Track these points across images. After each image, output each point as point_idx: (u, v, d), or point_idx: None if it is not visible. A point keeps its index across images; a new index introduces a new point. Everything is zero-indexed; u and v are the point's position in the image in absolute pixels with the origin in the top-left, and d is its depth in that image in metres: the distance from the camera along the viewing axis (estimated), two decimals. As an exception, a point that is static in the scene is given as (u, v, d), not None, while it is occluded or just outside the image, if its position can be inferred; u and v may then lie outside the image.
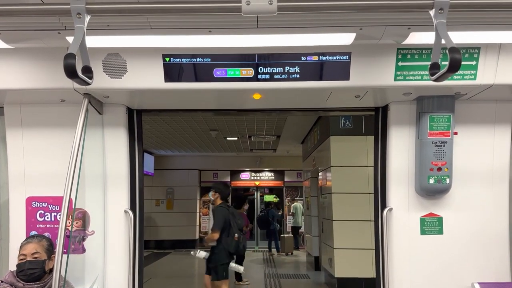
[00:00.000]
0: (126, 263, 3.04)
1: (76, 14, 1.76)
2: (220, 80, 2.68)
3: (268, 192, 15.78)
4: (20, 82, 2.68)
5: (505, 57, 2.60)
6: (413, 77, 2.66)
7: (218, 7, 1.80)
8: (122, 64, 2.63)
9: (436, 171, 2.91)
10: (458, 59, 1.69)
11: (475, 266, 3.01)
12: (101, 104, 3.03)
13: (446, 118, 2.92)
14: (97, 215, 3.08)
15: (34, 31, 2.31)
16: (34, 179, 3.05)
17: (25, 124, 3.06)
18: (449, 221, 3.03)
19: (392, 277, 3.02)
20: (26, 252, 2.71)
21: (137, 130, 3.27)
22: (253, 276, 9.40)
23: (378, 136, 3.26)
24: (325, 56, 2.62)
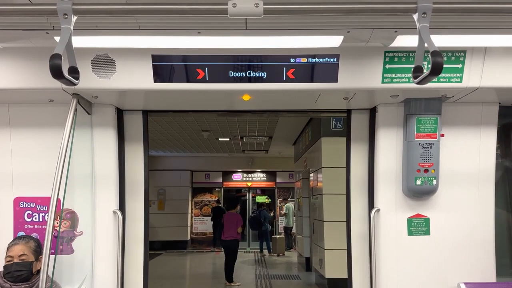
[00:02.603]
0: (114, 263, 3.03)
1: (62, 14, 1.76)
2: (209, 81, 2.69)
3: (260, 193, 15.79)
4: (8, 81, 2.67)
5: (490, 60, 2.64)
6: (400, 79, 2.69)
7: (205, 9, 1.81)
8: (111, 65, 2.63)
9: (423, 172, 2.95)
10: (440, 62, 1.71)
11: (461, 266, 3.05)
12: (90, 104, 3.03)
13: (433, 120, 2.96)
14: (86, 215, 3.07)
15: (22, 31, 2.30)
16: (22, 179, 3.04)
17: (13, 124, 3.05)
18: (436, 222, 3.06)
19: (379, 277, 3.05)
20: (13, 253, 2.69)
21: (144, 131, 3.29)
22: (244, 277, 9.41)
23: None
24: (314, 58, 2.64)
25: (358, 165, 3.29)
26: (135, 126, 3.28)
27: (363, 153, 3.28)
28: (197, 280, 9.67)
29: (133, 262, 3.23)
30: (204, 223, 15.07)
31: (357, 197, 3.29)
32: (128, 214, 3.24)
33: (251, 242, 14.97)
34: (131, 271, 3.22)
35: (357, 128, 3.30)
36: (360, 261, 3.26)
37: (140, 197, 3.28)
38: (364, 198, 3.27)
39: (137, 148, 3.29)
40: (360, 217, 3.27)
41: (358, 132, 3.29)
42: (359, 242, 3.27)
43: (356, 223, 3.27)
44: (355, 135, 3.30)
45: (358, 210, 3.28)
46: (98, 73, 2.64)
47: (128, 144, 3.27)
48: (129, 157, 3.27)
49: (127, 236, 3.22)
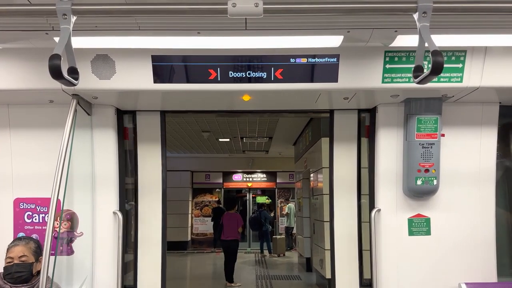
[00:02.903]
0: (114, 264, 3.03)
1: (61, 15, 1.75)
2: (209, 81, 2.68)
3: (260, 193, 15.78)
4: (8, 82, 2.66)
5: (491, 60, 2.64)
6: (401, 79, 2.68)
7: (205, 9, 1.81)
8: (111, 65, 2.63)
9: (423, 172, 2.94)
10: (440, 62, 1.71)
11: (462, 266, 3.04)
12: (89, 105, 3.02)
13: (433, 120, 2.95)
14: (86, 216, 3.06)
15: (21, 32, 2.30)
16: (22, 180, 3.03)
17: (13, 125, 3.05)
18: (437, 222, 3.06)
19: (380, 277, 3.04)
20: (13, 255, 2.68)
21: (161, 131, 3.31)
22: (245, 278, 9.40)
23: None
24: (314, 58, 2.64)
25: (344, 165, 3.29)
26: (151, 126, 3.29)
27: (350, 153, 3.29)
28: (198, 280, 9.66)
29: (150, 263, 3.24)
30: (205, 224, 15.05)
31: (343, 197, 3.29)
32: (145, 215, 3.26)
33: (251, 242, 14.95)
34: (148, 273, 3.23)
35: (342, 128, 3.30)
36: (346, 261, 3.26)
37: (157, 198, 3.28)
38: (351, 198, 3.28)
39: (153, 149, 3.29)
40: (346, 217, 3.27)
41: (343, 132, 3.30)
42: (345, 242, 3.27)
43: (341, 223, 3.27)
44: (339, 135, 3.30)
45: (344, 210, 3.28)
46: (98, 74, 2.64)
47: (142, 144, 3.28)
48: (144, 157, 3.28)
49: (143, 237, 3.24)
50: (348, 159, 3.30)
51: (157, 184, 3.29)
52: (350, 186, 3.30)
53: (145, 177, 3.29)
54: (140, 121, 3.29)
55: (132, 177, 3.37)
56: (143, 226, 3.27)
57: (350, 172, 3.30)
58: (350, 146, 3.31)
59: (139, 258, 3.24)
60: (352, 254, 3.27)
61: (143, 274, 3.24)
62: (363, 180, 3.32)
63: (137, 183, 3.29)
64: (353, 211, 3.28)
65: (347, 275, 3.26)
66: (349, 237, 3.28)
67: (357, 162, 3.31)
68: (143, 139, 3.30)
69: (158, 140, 3.31)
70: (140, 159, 3.29)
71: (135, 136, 3.30)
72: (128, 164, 3.37)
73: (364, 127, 3.35)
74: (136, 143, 3.30)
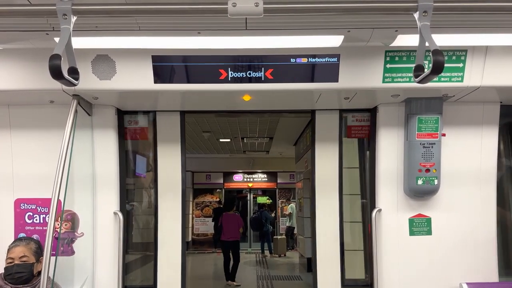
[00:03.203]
0: (115, 264, 3.02)
1: (62, 15, 1.75)
2: (210, 81, 2.68)
3: (261, 193, 15.77)
4: (8, 83, 2.66)
5: (491, 59, 2.63)
6: (401, 79, 2.68)
7: (205, 9, 1.80)
8: (111, 65, 2.63)
9: (424, 172, 2.94)
10: (441, 61, 1.71)
11: (463, 266, 3.04)
12: (90, 105, 3.02)
13: (434, 119, 2.95)
14: (87, 217, 3.06)
15: (22, 32, 2.30)
16: (23, 180, 3.03)
17: (13, 126, 3.05)
18: (438, 222, 3.05)
19: (381, 277, 3.04)
20: (13, 255, 2.68)
21: (181, 131, 3.31)
22: (245, 278, 9.39)
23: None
24: (314, 58, 2.64)
25: (326, 166, 3.30)
26: (171, 126, 3.31)
27: (331, 153, 3.30)
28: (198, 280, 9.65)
29: (170, 262, 3.25)
30: (205, 224, 15.03)
31: (324, 197, 3.29)
32: (164, 215, 3.27)
33: (252, 243, 14.94)
34: (169, 272, 3.25)
35: (323, 128, 3.30)
36: (328, 261, 3.26)
37: (177, 197, 3.29)
38: (333, 198, 3.28)
39: (173, 149, 3.30)
40: (328, 217, 3.28)
41: (325, 132, 3.30)
42: (327, 242, 3.27)
43: (323, 223, 3.28)
44: (321, 136, 3.30)
45: (325, 211, 3.28)
46: (98, 74, 2.64)
47: (162, 145, 3.29)
48: (163, 157, 3.29)
49: (162, 237, 3.26)
50: (330, 159, 3.31)
51: (177, 183, 3.30)
52: (331, 186, 3.30)
53: (165, 176, 3.30)
54: (159, 121, 3.31)
55: (132, 178, 3.38)
56: (163, 225, 3.28)
57: (332, 172, 3.30)
58: (331, 146, 3.31)
59: (159, 258, 3.26)
60: (334, 254, 3.27)
61: (163, 273, 3.25)
62: (344, 180, 3.33)
63: (156, 182, 3.30)
64: (335, 211, 3.29)
65: (329, 275, 3.26)
66: (331, 237, 3.28)
67: (339, 162, 3.31)
68: (163, 139, 3.31)
69: (177, 140, 3.32)
70: (159, 159, 3.30)
71: (154, 136, 3.32)
72: (130, 164, 3.38)
73: (346, 127, 3.37)
74: (155, 143, 3.31)
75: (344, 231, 3.32)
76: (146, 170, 3.54)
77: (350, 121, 3.38)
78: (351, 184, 3.36)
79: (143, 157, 3.50)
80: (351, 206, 3.38)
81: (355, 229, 3.37)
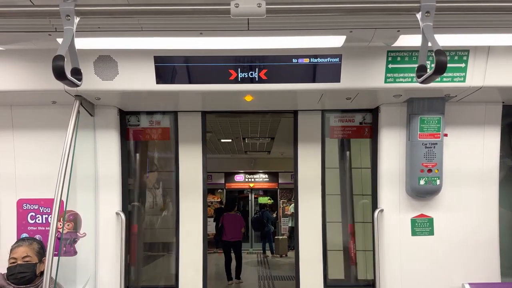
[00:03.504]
0: (117, 265, 3.03)
1: (65, 16, 1.76)
2: (212, 82, 2.68)
3: (262, 194, 15.76)
4: (10, 83, 2.67)
5: (494, 59, 2.63)
6: (403, 79, 2.68)
7: (208, 10, 1.80)
8: (114, 66, 2.63)
9: (426, 172, 2.93)
10: (444, 61, 1.70)
11: (465, 267, 3.03)
12: (92, 106, 3.03)
13: (436, 119, 2.95)
14: (89, 217, 3.07)
15: (24, 33, 2.30)
16: (25, 181, 3.04)
17: (16, 126, 3.05)
18: (440, 222, 3.05)
19: (383, 277, 3.04)
20: (16, 255, 2.69)
21: (202, 132, 3.30)
22: (247, 278, 9.39)
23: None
24: (316, 59, 2.64)
25: (309, 166, 3.30)
26: (192, 127, 3.31)
27: (314, 154, 3.30)
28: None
29: (192, 262, 3.27)
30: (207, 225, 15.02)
31: (307, 197, 3.29)
32: (185, 215, 3.28)
33: (253, 243, 14.93)
34: (190, 272, 3.25)
35: (306, 129, 3.30)
36: (310, 262, 3.27)
37: (198, 198, 3.30)
38: (316, 199, 3.28)
39: (194, 149, 3.31)
40: (311, 217, 3.28)
41: (307, 132, 3.30)
42: (310, 242, 3.27)
43: (306, 223, 3.28)
44: (303, 136, 3.30)
45: (308, 211, 3.28)
46: (100, 75, 2.64)
47: (183, 145, 3.30)
48: (184, 158, 3.30)
49: (184, 237, 3.27)
50: (312, 159, 3.31)
51: (198, 183, 3.31)
52: (314, 186, 3.30)
53: (186, 177, 3.31)
54: (181, 122, 3.32)
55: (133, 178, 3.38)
56: (184, 225, 3.29)
57: (314, 172, 3.30)
58: (314, 146, 3.31)
59: (181, 258, 3.27)
60: (316, 254, 3.27)
61: (184, 273, 3.26)
62: (327, 180, 3.34)
63: (178, 182, 3.31)
64: (318, 211, 3.29)
65: (311, 276, 3.26)
66: (314, 238, 3.28)
67: (321, 162, 3.31)
68: (184, 139, 3.32)
69: (199, 140, 3.32)
70: (181, 159, 3.31)
71: (176, 136, 3.33)
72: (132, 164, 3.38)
73: (329, 127, 3.38)
74: (177, 143, 3.32)
75: (327, 231, 3.33)
76: (149, 171, 3.55)
77: (332, 122, 3.39)
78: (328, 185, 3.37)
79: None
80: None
81: (331, 229, 3.39)
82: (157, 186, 3.47)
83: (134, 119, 3.37)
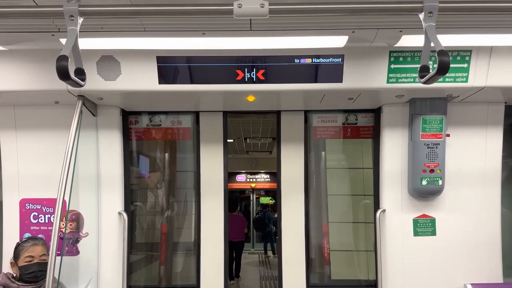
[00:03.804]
0: (120, 264, 3.03)
1: (69, 16, 1.76)
2: (214, 82, 2.69)
3: (264, 194, 15.76)
4: (14, 83, 2.68)
5: (496, 59, 2.63)
6: (406, 79, 2.68)
7: (210, 10, 1.81)
8: (116, 66, 2.63)
9: (428, 172, 2.93)
10: (447, 62, 1.70)
11: (467, 267, 3.03)
12: (95, 106, 3.03)
13: (438, 120, 2.95)
14: (91, 217, 3.07)
15: (28, 33, 2.31)
16: (28, 181, 3.05)
17: (19, 126, 3.06)
18: (442, 222, 3.05)
19: (385, 278, 3.04)
20: (34, 254, 2.73)
21: (223, 132, 3.29)
22: (248, 278, 9.39)
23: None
24: (319, 59, 2.64)
25: (292, 167, 3.29)
26: (214, 127, 3.32)
27: (297, 154, 3.30)
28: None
29: (213, 263, 3.26)
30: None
31: (290, 198, 3.29)
32: (207, 214, 3.29)
33: (255, 243, 14.93)
34: (211, 272, 3.25)
35: (289, 129, 3.30)
36: (293, 263, 3.26)
37: (219, 198, 3.30)
38: (299, 200, 3.28)
39: (215, 150, 3.31)
40: (294, 219, 3.27)
41: (290, 132, 3.30)
42: (293, 244, 3.27)
43: (289, 225, 3.27)
44: (286, 136, 3.30)
45: (291, 212, 3.28)
46: (103, 75, 2.65)
47: (204, 145, 3.31)
48: (206, 157, 3.30)
49: (205, 236, 3.27)
50: (295, 160, 3.30)
51: (219, 183, 3.31)
52: (297, 187, 3.30)
53: (208, 177, 3.31)
54: (202, 122, 3.32)
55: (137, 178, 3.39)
56: (205, 225, 3.29)
57: (297, 173, 3.30)
58: (297, 147, 3.31)
59: (202, 258, 3.27)
60: (299, 256, 3.27)
61: (206, 272, 3.26)
62: (310, 181, 3.35)
63: (199, 183, 3.32)
64: (301, 212, 3.28)
65: (293, 278, 3.25)
66: (296, 239, 3.27)
67: (305, 163, 3.31)
68: (206, 139, 3.32)
69: (220, 140, 3.32)
70: (202, 159, 3.31)
71: (197, 136, 3.33)
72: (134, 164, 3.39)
73: (312, 128, 3.39)
74: (198, 143, 3.32)
75: (310, 233, 3.34)
76: (149, 171, 3.56)
77: (315, 122, 3.40)
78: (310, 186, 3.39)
79: (146, 158, 3.52)
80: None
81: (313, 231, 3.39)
82: (159, 186, 3.48)
83: (156, 119, 3.40)
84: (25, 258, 2.72)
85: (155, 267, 3.53)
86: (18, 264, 2.72)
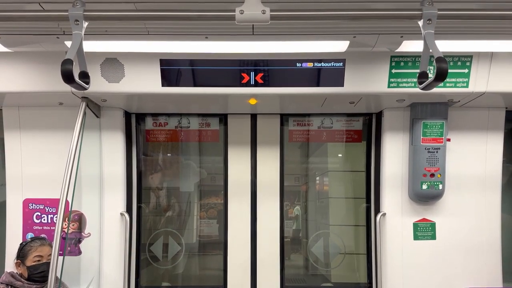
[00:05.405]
0: (121, 265, 3.05)
1: (74, 20, 1.79)
2: (217, 85, 2.71)
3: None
4: (18, 85, 2.71)
5: (497, 65, 2.64)
6: (407, 84, 2.69)
7: (213, 16, 1.82)
8: (120, 69, 2.66)
9: (429, 177, 2.94)
10: (445, 68, 1.72)
11: (467, 271, 3.04)
12: (98, 108, 3.06)
13: (439, 124, 2.96)
14: (94, 217, 3.10)
15: (33, 36, 2.34)
16: (31, 181, 3.07)
17: (23, 127, 3.09)
18: (442, 226, 3.06)
19: (385, 281, 3.05)
20: (43, 253, 2.76)
21: (251, 134, 3.31)
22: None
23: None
24: (320, 63, 2.66)
25: (267, 170, 3.32)
26: (242, 129, 3.33)
27: (273, 157, 3.32)
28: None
29: (240, 263, 3.27)
30: (210, 226, 15.02)
31: (266, 201, 3.31)
32: (234, 216, 3.30)
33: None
34: (238, 273, 3.26)
35: (265, 132, 3.32)
36: (268, 266, 3.27)
37: (246, 199, 3.31)
38: (274, 203, 3.31)
39: (243, 151, 3.33)
40: (268, 222, 3.29)
41: (266, 136, 3.32)
42: (267, 247, 3.28)
43: (264, 228, 3.29)
44: (262, 140, 3.32)
45: (266, 215, 3.30)
46: (107, 77, 2.67)
47: (232, 147, 3.33)
48: (234, 159, 3.32)
49: (232, 238, 3.29)
50: (271, 163, 3.32)
51: (246, 185, 3.32)
52: (273, 190, 3.32)
53: (235, 178, 3.33)
54: (231, 124, 3.34)
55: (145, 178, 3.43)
56: (232, 227, 3.30)
57: (273, 176, 3.32)
58: (273, 150, 3.32)
59: (229, 259, 3.28)
60: (273, 259, 3.28)
61: (233, 274, 3.27)
62: (286, 185, 3.39)
63: (226, 184, 3.33)
64: (276, 215, 3.30)
65: (267, 281, 3.26)
66: (271, 242, 3.28)
67: (280, 166, 3.33)
68: (233, 141, 3.33)
69: (248, 142, 3.33)
70: (230, 161, 3.33)
71: (225, 138, 3.35)
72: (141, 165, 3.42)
73: (288, 131, 3.41)
74: (226, 145, 3.34)
75: (284, 236, 3.35)
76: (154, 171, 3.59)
77: (291, 125, 3.42)
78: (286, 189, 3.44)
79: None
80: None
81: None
82: (160, 186, 3.50)
83: (185, 121, 3.44)
84: (34, 258, 2.74)
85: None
86: (26, 264, 2.74)
